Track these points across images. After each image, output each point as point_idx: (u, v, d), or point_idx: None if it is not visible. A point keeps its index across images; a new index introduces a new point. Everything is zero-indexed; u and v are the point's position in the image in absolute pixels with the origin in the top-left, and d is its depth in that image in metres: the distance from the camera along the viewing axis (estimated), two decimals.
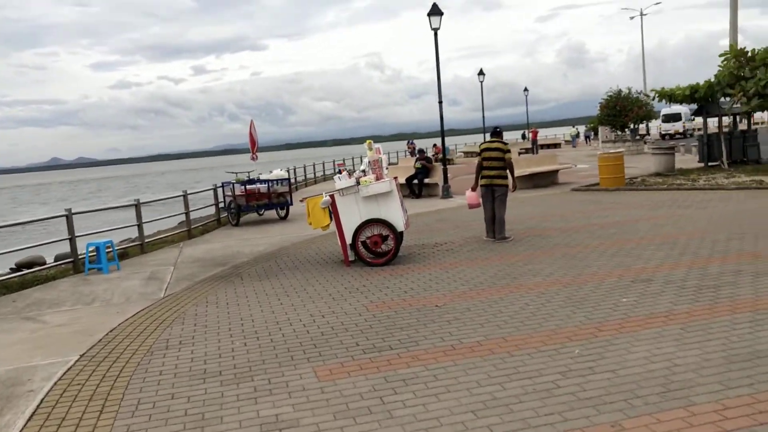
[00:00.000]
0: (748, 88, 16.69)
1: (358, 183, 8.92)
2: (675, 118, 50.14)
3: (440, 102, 17.99)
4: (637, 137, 37.42)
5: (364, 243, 9.08)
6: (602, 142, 37.32)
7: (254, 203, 15.18)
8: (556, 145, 56.58)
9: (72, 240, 10.48)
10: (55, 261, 11.63)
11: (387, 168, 9.63)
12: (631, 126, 35.67)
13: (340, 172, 9.12)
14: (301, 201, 9.33)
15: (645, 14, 61.05)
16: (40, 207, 53.60)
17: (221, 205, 16.16)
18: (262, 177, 15.73)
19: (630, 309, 5.86)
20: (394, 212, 8.94)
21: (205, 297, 7.81)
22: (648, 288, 6.56)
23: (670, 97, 20.19)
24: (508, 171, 10.26)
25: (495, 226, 10.25)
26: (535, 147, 44.24)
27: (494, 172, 10.15)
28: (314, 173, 33.12)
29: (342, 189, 8.93)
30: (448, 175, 18.76)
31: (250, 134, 15.75)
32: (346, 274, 8.51)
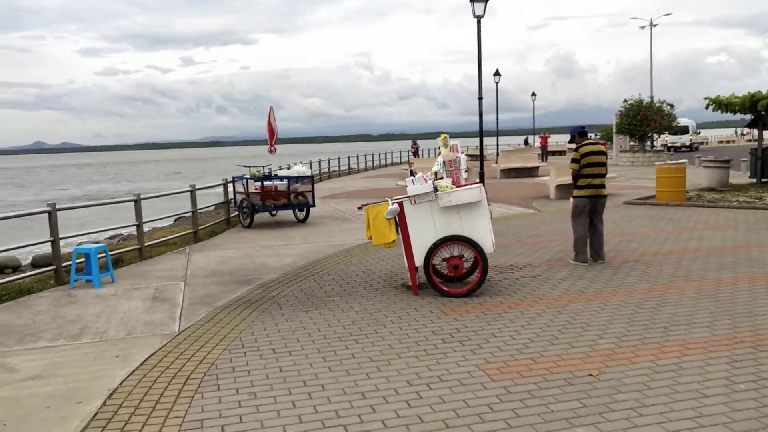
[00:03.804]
0: None
1: (435, 189, 6.85)
2: (682, 131, 48.61)
3: (480, 98, 15.97)
4: (649, 148, 35.65)
5: (434, 267, 7.04)
6: (619, 151, 35.49)
7: (271, 203, 13.02)
8: (561, 152, 54.88)
9: (55, 242, 8.29)
10: (33, 266, 9.43)
11: (466, 170, 7.58)
12: (655, 136, 33.92)
13: (412, 173, 7.04)
14: (360, 208, 7.26)
15: (655, 25, 59.49)
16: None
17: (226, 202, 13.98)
18: (280, 173, 13.59)
19: None
20: (482, 228, 6.88)
21: (238, 336, 5.69)
22: None
23: (726, 106, 18.33)
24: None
25: (596, 244, 8.35)
26: (544, 154, 42.30)
27: (600, 180, 8.22)
28: (319, 169, 30.91)
29: (414, 196, 6.85)
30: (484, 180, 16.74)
31: (269, 123, 13.58)
32: (420, 307, 6.44)
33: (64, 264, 8.32)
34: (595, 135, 60.12)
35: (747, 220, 12.06)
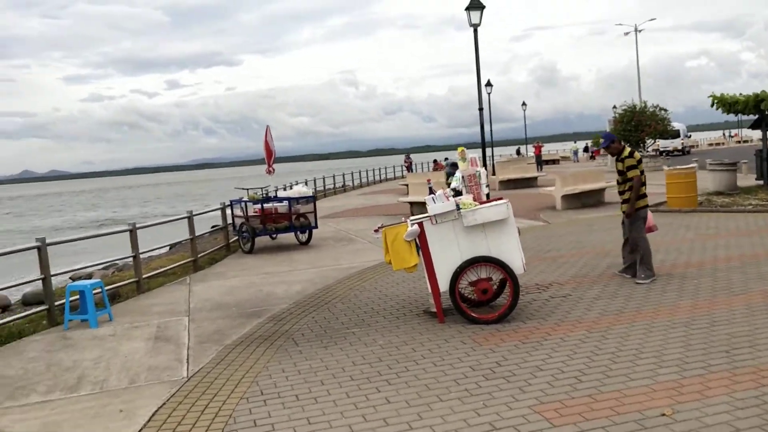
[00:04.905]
0: None
1: (458, 207, 6.34)
2: (673, 135, 48.51)
3: (480, 108, 15.57)
4: (647, 152, 35.42)
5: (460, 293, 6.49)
6: None
7: (272, 226, 12.48)
8: (555, 161, 54.65)
9: (46, 280, 7.70)
10: (24, 304, 8.80)
11: (487, 186, 7.09)
12: (649, 141, 33.71)
13: (432, 191, 6.54)
14: (376, 231, 6.72)
15: (641, 30, 59.58)
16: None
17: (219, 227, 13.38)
18: (280, 194, 13.06)
19: None
20: (511, 247, 6.37)
21: (254, 380, 5.12)
22: None
23: (730, 105, 18.00)
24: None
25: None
26: (539, 163, 41.92)
27: None
28: (315, 188, 30.39)
29: (436, 215, 6.33)
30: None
31: (266, 142, 13.05)
32: (450, 338, 5.89)
33: (57, 302, 7.73)
34: (587, 143, 60.15)
35: (767, 224, 11.62)
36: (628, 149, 7.77)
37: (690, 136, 62.58)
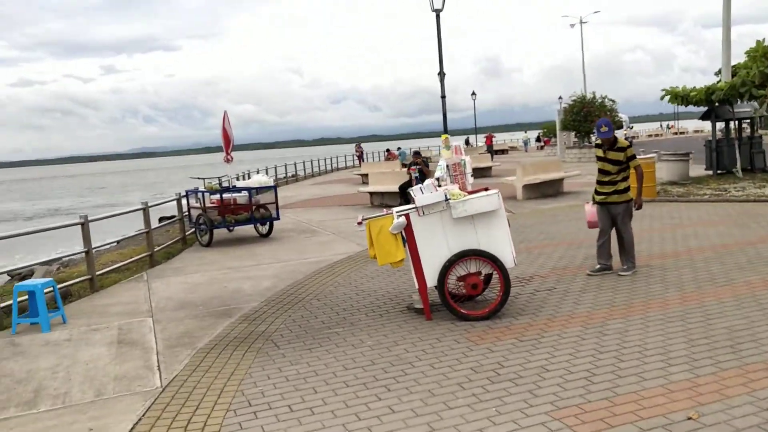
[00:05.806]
0: None
1: (446, 198, 6.01)
2: (618, 125, 49.76)
3: (443, 97, 15.35)
4: (591, 144, 36.10)
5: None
6: (567, 148, 35.79)
7: (231, 217, 11.86)
8: (504, 151, 55.18)
9: None
10: None
11: (472, 175, 6.78)
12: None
13: (418, 178, 6.18)
14: (359, 224, 6.31)
15: (585, 22, 60.68)
16: None
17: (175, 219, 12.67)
18: (238, 184, 12.44)
19: None
20: (501, 240, 6.09)
21: (238, 389, 4.66)
22: None
23: (683, 98, 18.36)
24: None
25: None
26: (491, 153, 42.21)
27: None
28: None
29: (423, 206, 5.99)
30: None
31: (224, 129, 12.38)
32: (442, 336, 5.58)
33: (2, 304, 7.01)
34: (539, 132, 61.03)
35: (727, 213, 11.82)
36: (623, 140, 7.60)
37: (632, 127, 64.43)
